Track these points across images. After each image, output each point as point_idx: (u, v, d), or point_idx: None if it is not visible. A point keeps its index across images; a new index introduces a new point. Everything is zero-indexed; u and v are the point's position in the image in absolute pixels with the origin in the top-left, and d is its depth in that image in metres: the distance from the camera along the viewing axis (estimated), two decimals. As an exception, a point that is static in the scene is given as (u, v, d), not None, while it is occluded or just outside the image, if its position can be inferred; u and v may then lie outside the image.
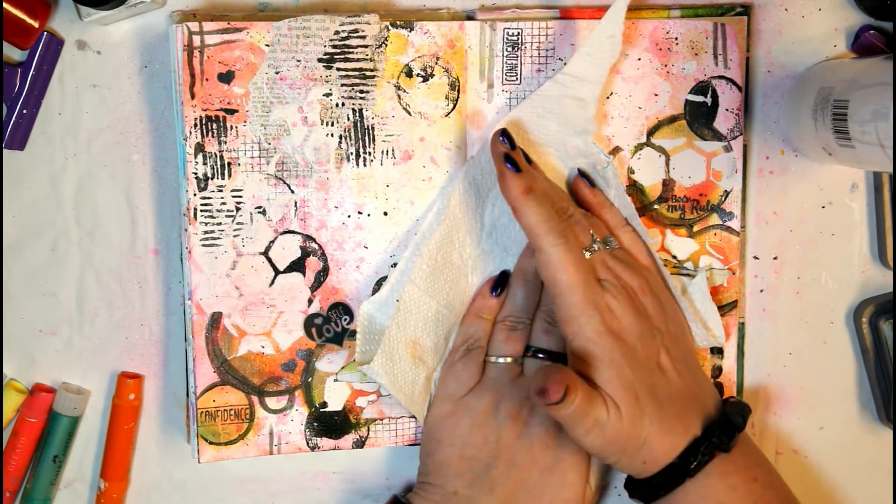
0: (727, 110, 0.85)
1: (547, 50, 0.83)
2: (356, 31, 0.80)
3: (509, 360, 0.83)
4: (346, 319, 0.85)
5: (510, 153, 0.77)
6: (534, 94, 0.82)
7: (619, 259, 0.79)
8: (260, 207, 0.81)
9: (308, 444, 0.85)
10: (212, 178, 0.80)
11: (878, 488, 0.91)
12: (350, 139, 0.81)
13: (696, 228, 0.86)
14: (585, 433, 0.74)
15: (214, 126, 0.79)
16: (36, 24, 0.79)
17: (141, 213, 0.84)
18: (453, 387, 0.83)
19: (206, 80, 0.79)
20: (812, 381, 0.90)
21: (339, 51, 0.80)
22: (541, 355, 0.83)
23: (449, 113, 0.82)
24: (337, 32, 0.80)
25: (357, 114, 0.81)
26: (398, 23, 0.81)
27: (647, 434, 0.75)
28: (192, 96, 0.79)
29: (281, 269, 0.82)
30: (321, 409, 0.85)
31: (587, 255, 0.77)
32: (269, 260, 0.82)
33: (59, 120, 0.83)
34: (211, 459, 0.84)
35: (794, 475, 0.89)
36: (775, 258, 0.88)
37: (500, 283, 0.84)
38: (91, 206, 0.84)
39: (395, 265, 0.83)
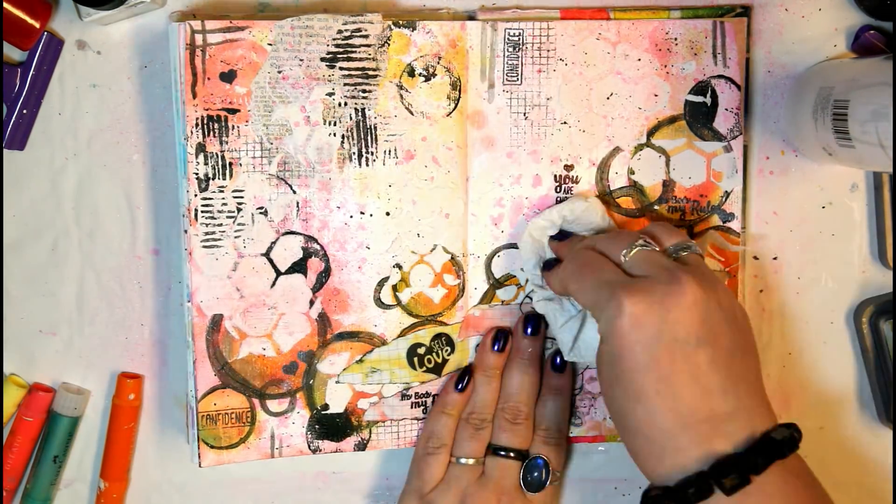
0: (727, 110, 0.85)
1: (548, 50, 0.83)
2: (359, 30, 0.80)
3: (472, 461, 0.84)
4: (447, 350, 0.86)
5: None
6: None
7: None
8: (261, 208, 0.81)
9: (309, 446, 0.85)
10: (213, 179, 0.80)
11: (878, 488, 0.91)
12: (352, 139, 0.81)
13: (696, 230, 0.86)
14: None
15: (216, 126, 0.79)
16: (37, 25, 0.79)
17: (141, 213, 0.84)
18: (417, 483, 0.85)
19: (208, 79, 0.79)
20: (812, 381, 0.90)
21: (341, 50, 0.80)
22: (502, 453, 0.84)
23: (450, 112, 0.82)
24: (340, 32, 0.80)
25: (359, 113, 0.81)
26: (401, 22, 0.81)
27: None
28: (194, 95, 0.78)
29: (282, 270, 0.82)
30: (323, 412, 0.85)
31: None
32: (271, 261, 0.82)
33: (59, 120, 0.83)
34: (212, 464, 0.83)
35: (794, 475, 0.89)
36: (775, 258, 0.88)
37: (464, 378, 0.85)
38: (91, 206, 0.84)
39: (398, 265, 0.83)
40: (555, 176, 0.85)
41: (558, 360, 0.86)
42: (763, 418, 0.70)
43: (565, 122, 0.84)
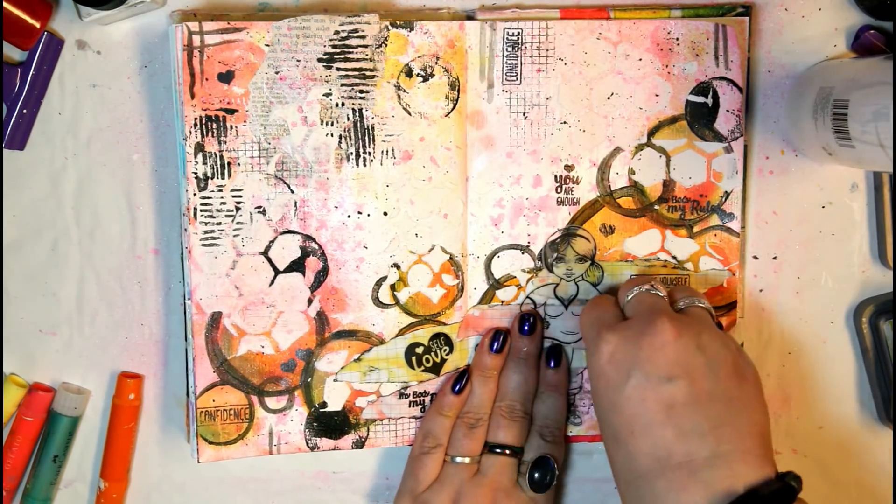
0: (728, 111, 0.84)
1: (547, 50, 0.83)
2: (356, 30, 0.80)
3: (467, 460, 0.84)
4: (445, 350, 0.86)
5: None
6: None
7: None
8: (260, 207, 0.81)
9: (307, 444, 0.85)
10: (212, 178, 0.80)
11: (878, 488, 0.90)
12: (350, 139, 0.81)
13: (696, 229, 0.86)
14: None
15: (214, 126, 0.79)
16: (37, 25, 0.79)
17: (141, 213, 0.84)
18: (411, 483, 0.85)
19: (206, 79, 0.79)
20: (812, 381, 0.90)
21: (338, 51, 0.80)
22: (498, 451, 0.85)
23: (449, 113, 0.82)
24: (337, 32, 0.80)
25: (357, 114, 0.81)
26: (398, 23, 0.81)
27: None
28: (192, 96, 0.79)
29: (281, 268, 0.82)
30: (321, 409, 0.85)
31: None
32: (269, 260, 0.82)
33: (59, 120, 0.83)
34: (210, 459, 0.84)
35: (793, 475, 0.89)
36: (775, 258, 0.88)
37: (461, 380, 0.85)
38: (91, 206, 0.84)
39: (395, 265, 0.84)
40: (555, 176, 0.85)
41: (552, 356, 0.87)
42: (751, 468, 0.67)
43: (565, 122, 0.84)
